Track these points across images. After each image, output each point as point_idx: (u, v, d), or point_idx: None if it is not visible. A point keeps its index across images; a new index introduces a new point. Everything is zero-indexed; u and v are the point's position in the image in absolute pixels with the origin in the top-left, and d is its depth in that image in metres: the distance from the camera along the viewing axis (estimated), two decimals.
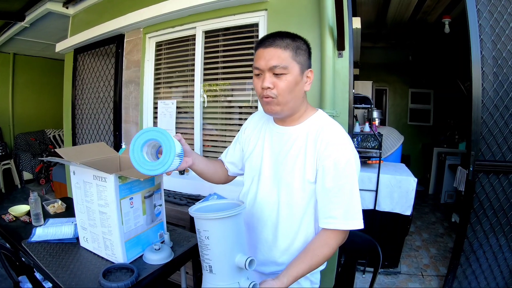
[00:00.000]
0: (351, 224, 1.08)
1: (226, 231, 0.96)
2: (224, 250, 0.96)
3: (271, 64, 1.07)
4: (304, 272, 1.06)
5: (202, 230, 0.97)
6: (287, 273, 1.04)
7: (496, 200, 2.28)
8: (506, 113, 2.22)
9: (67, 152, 1.53)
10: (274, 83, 1.08)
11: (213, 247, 0.95)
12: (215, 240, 0.95)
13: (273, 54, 1.07)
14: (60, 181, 4.77)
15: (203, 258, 0.99)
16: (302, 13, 2.32)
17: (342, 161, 1.07)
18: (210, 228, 0.95)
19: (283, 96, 1.09)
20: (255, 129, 1.34)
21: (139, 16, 3.02)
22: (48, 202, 2.10)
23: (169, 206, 2.38)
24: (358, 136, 2.90)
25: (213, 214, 0.95)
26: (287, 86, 1.08)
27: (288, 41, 1.08)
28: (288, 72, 1.07)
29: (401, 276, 2.94)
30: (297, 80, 1.10)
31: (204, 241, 0.97)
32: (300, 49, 1.10)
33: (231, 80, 2.83)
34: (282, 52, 1.07)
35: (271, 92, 1.09)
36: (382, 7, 4.30)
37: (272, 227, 1.20)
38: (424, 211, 4.85)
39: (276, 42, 1.08)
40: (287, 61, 1.07)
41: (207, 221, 0.96)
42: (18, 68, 6.26)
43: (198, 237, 0.99)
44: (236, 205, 1.06)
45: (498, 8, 2.21)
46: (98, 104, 3.81)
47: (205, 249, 0.97)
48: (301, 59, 1.10)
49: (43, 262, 1.38)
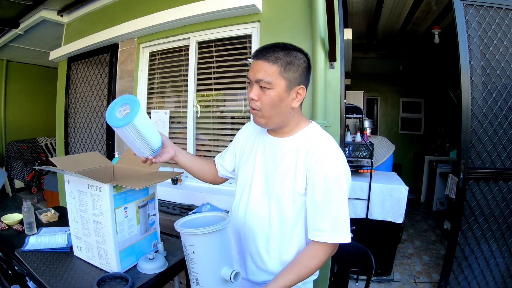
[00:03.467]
0: (338, 238, 1.08)
1: (211, 245, 0.98)
2: (209, 264, 0.97)
3: (257, 77, 1.08)
4: (292, 283, 1.07)
5: (188, 245, 0.98)
6: (274, 283, 1.05)
7: (486, 206, 2.32)
8: (495, 121, 2.28)
9: (61, 161, 1.54)
10: (259, 96, 1.10)
11: (199, 261, 0.97)
12: (200, 254, 0.97)
13: (260, 67, 1.07)
14: (52, 190, 4.72)
15: (190, 271, 1.00)
16: (295, 24, 2.36)
17: (332, 175, 1.08)
18: (195, 243, 0.97)
19: (266, 110, 1.10)
20: (250, 138, 1.35)
21: (133, 26, 3.05)
22: (40, 211, 2.08)
23: (163, 215, 2.37)
24: (349, 145, 2.93)
25: (197, 230, 0.96)
26: (269, 102, 1.09)
27: (280, 55, 1.07)
28: (272, 87, 1.07)
29: (394, 284, 2.96)
30: (281, 97, 1.09)
31: (190, 255, 0.98)
32: (291, 65, 1.08)
33: (224, 90, 2.86)
34: (269, 67, 1.06)
35: (255, 104, 1.11)
36: (373, 18, 4.36)
37: (263, 238, 1.20)
38: (416, 219, 4.88)
39: (267, 55, 1.07)
40: (272, 76, 1.06)
41: (192, 236, 0.97)
42: (11, 75, 6.24)
43: (185, 251, 1.01)
44: (222, 219, 1.08)
45: (486, 19, 2.28)
46: (92, 113, 3.80)
47: (191, 262, 0.99)
48: (291, 75, 1.08)
49: (36, 271, 1.37)
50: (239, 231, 1.27)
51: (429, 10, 4.06)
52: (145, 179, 1.42)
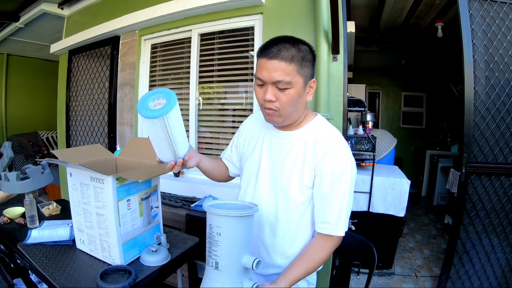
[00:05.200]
0: (341, 231, 1.10)
1: (239, 229, 0.97)
2: (233, 249, 0.96)
3: (275, 79, 1.01)
4: (301, 276, 1.07)
5: (215, 226, 0.97)
6: (284, 277, 1.05)
7: (488, 201, 2.32)
8: (497, 116, 2.27)
9: (63, 154, 1.53)
10: (277, 96, 1.04)
11: (224, 244, 0.96)
12: (227, 237, 0.96)
13: (277, 68, 1.00)
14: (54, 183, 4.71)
15: (210, 254, 0.99)
16: (298, 17, 2.34)
17: (339, 167, 1.08)
18: (224, 225, 0.96)
19: (285, 109, 1.07)
20: (254, 131, 1.33)
21: (134, 18, 3.02)
22: (43, 204, 2.08)
23: (165, 208, 2.38)
24: (352, 138, 2.93)
25: (229, 212, 0.96)
26: (290, 100, 1.04)
27: (294, 52, 1.01)
28: (292, 86, 1.02)
29: (395, 277, 2.97)
30: (300, 93, 1.05)
31: (215, 237, 0.97)
32: (305, 60, 1.04)
33: (226, 83, 2.84)
34: (287, 66, 1.00)
35: (273, 105, 1.06)
36: (375, 12, 4.34)
37: (270, 231, 1.20)
38: (417, 213, 4.89)
39: (282, 53, 1.00)
40: (291, 75, 1.01)
41: (222, 217, 0.96)
42: (11, 69, 6.21)
43: (209, 232, 0.99)
44: (249, 207, 1.07)
45: (490, 13, 2.25)
46: (93, 106, 3.79)
47: (215, 245, 0.97)
48: (306, 71, 1.05)
49: (39, 264, 1.37)
50: None
51: (432, 4, 4.03)
52: (148, 171, 1.42)
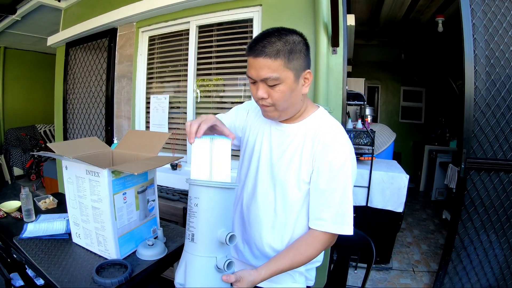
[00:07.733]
0: (339, 229, 1.07)
1: (215, 201, 0.97)
2: (208, 220, 0.96)
3: (262, 76, 1.00)
4: (285, 268, 1.05)
5: (193, 197, 0.98)
6: (267, 266, 1.03)
7: (487, 197, 2.30)
8: (497, 112, 2.24)
9: (59, 147, 1.51)
10: (268, 93, 1.04)
11: (200, 215, 0.96)
12: (203, 208, 0.96)
13: (262, 65, 0.99)
14: (51, 177, 4.71)
15: (188, 226, 0.99)
16: (297, 9, 2.31)
17: (338, 163, 1.06)
18: (201, 195, 0.96)
19: (279, 105, 1.05)
20: (257, 118, 1.29)
21: (132, 10, 2.99)
22: (39, 198, 2.07)
23: (162, 201, 2.37)
24: (350, 132, 2.91)
25: (205, 182, 0.97)
26: (282, 96, 1.03)
27: (280, 46, 0.98)
28: (280, 82, 1.00)
29: (392, 272, 2.97)
30: (292, 88, 1.03)
31: (193, 208, 0.98)
32: (294, 52, 1.00)
33: (224, 75, 2.82)
34: (273, 62, 0.98)
35: (266, 102, 1.06)
36: (376, 5, 4.30)
37: (268, 226, 1.19)
38: (415, 208, 4.90)
39: (266, 50, 0.97)
40: (278, 71, 0.99)
41: (199, 187, 0.97)
42: (8, 62, 6.17)
43: (188, 204, 1.00)
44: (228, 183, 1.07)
45: (491, 8, 2.22)
46: (90, 98, 3.77)
47: (192, 216, 0.98)
48: (296, 63, 1.01)
49: (35, 259, 1.36)
50: (243, 218, 1.26)
51: None
52: (144, 163, 1.40)
